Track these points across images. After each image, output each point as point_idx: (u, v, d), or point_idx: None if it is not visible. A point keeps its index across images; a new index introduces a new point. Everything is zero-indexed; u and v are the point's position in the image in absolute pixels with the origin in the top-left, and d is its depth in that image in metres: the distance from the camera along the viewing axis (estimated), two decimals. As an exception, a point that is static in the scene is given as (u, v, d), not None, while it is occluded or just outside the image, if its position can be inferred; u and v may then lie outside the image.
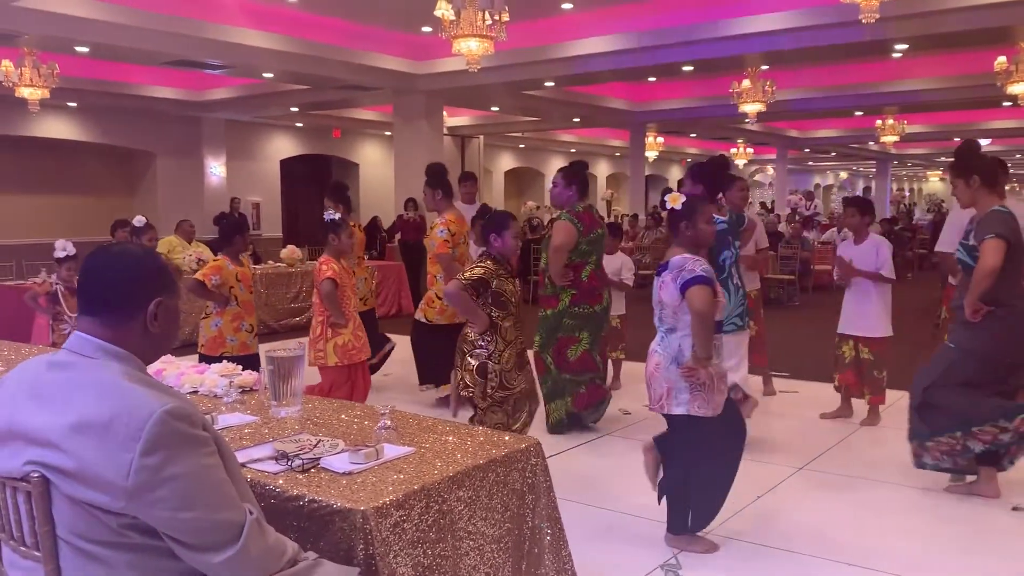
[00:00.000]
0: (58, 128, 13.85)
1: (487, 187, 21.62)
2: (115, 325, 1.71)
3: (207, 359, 4.72)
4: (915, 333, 7.39)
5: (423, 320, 5.87)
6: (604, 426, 5.48)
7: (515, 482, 2.42)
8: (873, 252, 5.39)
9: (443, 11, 7.46)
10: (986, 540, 3.68)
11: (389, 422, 2.44)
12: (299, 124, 17.50)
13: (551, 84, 11.90)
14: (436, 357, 5.64)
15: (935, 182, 41.72)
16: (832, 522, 3.88)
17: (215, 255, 10.21)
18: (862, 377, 5.47)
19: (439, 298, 5.68)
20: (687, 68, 10.82)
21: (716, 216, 4.22)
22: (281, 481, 2.16)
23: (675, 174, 31.56)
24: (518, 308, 4.00)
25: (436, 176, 5.98)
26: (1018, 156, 29.31)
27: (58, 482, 1.60)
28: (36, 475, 1.62)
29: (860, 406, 5.59)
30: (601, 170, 27.61)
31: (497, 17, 7.57)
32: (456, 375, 4.02)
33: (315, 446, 2.40)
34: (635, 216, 16.46)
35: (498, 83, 10.90)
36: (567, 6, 9.35)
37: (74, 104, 13.43)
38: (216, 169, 15.95)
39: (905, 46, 9.37)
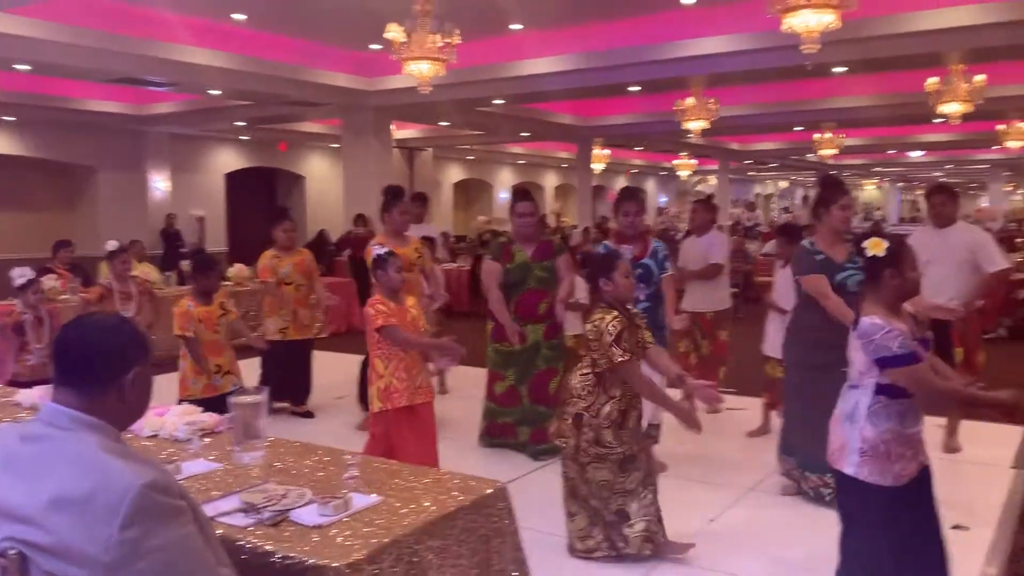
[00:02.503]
0: (-5, 142, 13.52)
1: (436, 200, 21.61)
2: (92, 396, 1.72)
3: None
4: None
5: None
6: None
7: (482, 527, 2.47)
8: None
9: (394, 33, 7.48)
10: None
11: (356, 472, 2.48)
12: (245, 137, 17.30)
13: (501, 101, 12.00)
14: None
15: (871, 190, 42.99)
16: (785, 542, 4.00)
17: (161, 272, 10.10)
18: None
19: None
20: (634, 88, 11.02)
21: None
22: (252, 536, 2.18)
23: (621, 184, 31.96)
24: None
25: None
26: (948, 166, 30.43)
27: (36, 558, 1.60)
28: (13, 551, 1.62)
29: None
30: (549, 182, 27.84)
31: (448, 39, 7.62)
32: (553, 423, 3.82)
33: (283, 497, 2.42)
34: (585, 229, 16.63)
35: (448, 100, 10.95)
36: (516, 26, 9.45)
37: (12, 118, 13.10)
38: (160, 183, 15.68)
39: (844, 69, 9.70)
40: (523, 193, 5.57)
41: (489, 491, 2.52)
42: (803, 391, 4.41)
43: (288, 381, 6.40)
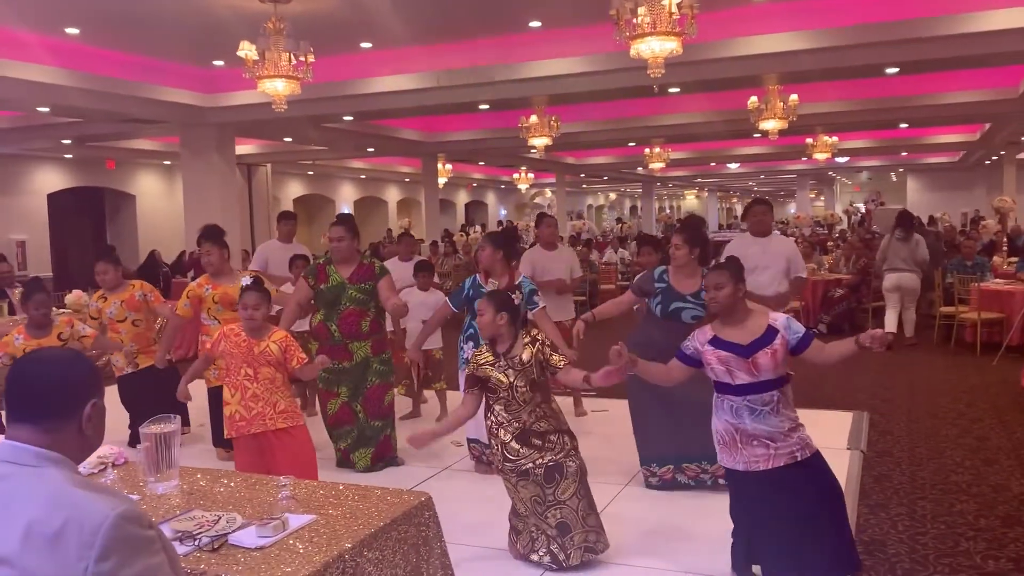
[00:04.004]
0: None
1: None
2: (51, 431, 1.72)
3: None
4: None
5: None
6: (436, 460, 5.68)
7: (412, 537, 2.58)
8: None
9: (247, 51, 7.37)
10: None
11: (289, 492, 2.53)
12: (68, 156, 16.27)
13: (350, 118, 11.97)
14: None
15: (691, 199, 45.73)
16: (667, 531, 4.32)
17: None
18: None
19: None
20: (483, 107, 11.31)
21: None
22: (197, 563, 2.20)
23: (462, 198, 32.40)
24: (509, 391, 3.77)
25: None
26: (761, 176, 32.92)
27: (8, 597, 1.59)
28: (-15, 593, 1.60)
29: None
30: (391, 196, 27.81)
31: (303, 57, 7.59)
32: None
33: (215, 523, 2.44)
34: (434, 243, 16.79)
35: (296, 117, 10.82)
36: (366, 45, 9.50)
37: None
38: (-27, 206, 14.49)
39: (677, 89, 10.40)
40: (338, 218, 5.72)
41: (417, 501, 2.64)
42: (643, 395, 4.79)
43: (157, 411, 6.10)
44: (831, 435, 5.76)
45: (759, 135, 13.64)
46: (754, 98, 11.31)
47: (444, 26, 8.86)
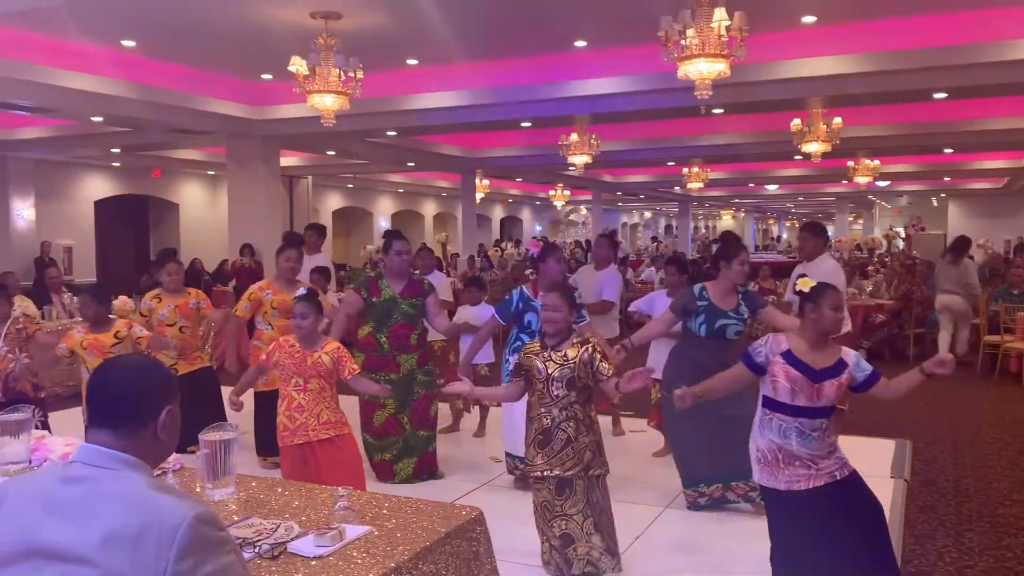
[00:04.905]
0: None
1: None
2: (128, 435, 1.78)
3: None
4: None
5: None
6: (475, 475, 5.70)
7: (464, 551, 2.61)
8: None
9: (298, 66, 7.51)
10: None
11: (347, 503, 2.57)
12: (116, 164, 16.62)
13: (393, 133, 12.11)
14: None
15: (728, 219, 45.43)
16: (710, 553, 4.30)
17: (39, 306, 9.59)
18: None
19: None
20: (525, 125, 11.40)
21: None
22: (255, 570, 2.24)
23: (498, 213, 32.52)
24: (545, 383, 3.79)
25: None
26: (799, 198, 32.67)
27: (92, 594, 1.64)
28: (68, 591, 1.65)
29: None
30: (428, 210, 28.00)
31: (352, 73, 7.72)
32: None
33: (274, 530, 2.48)
34: (470, 257, 16.87)
35: (342, 131, 10.97)
36: (412, 61, 9.62)
37: None
38: (23, 211, 14.82)
39: (721, 110, 10.39)
40: (398, 233, 5.85)
41: (470, 516, 2.66)
42: (683, 420, 4.73)
43: (197, 418, 6.19)
44: (873, 463, 5.69)
45: (800, 157, 13.55)
46: (797, 120, 11.25)
47: (490, 44, 8.95)
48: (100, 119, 10.70)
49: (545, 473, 3.74)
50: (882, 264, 16.84)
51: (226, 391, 5.86)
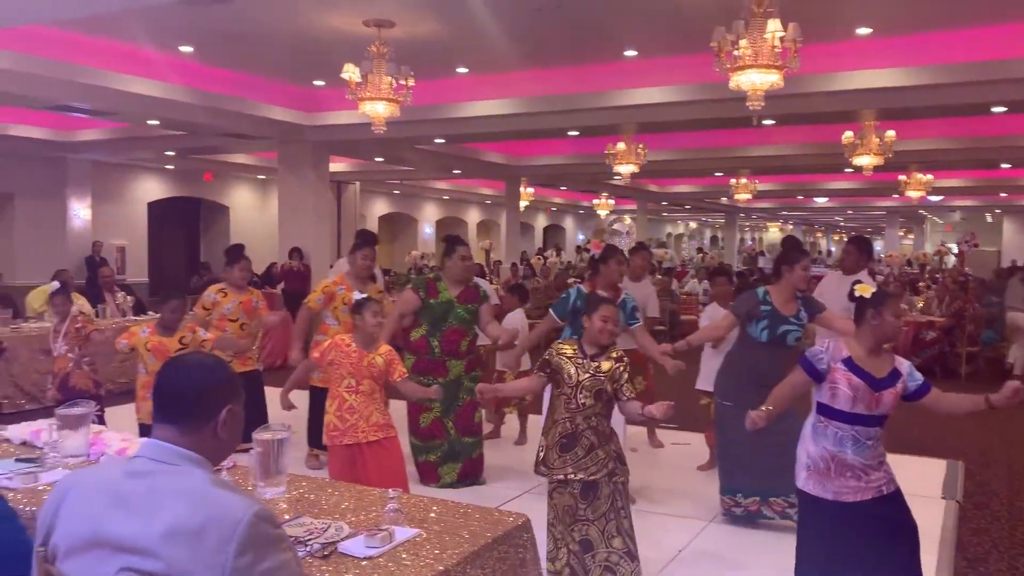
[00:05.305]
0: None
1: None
2: (190, 432, 1.83)
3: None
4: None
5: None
6: (518, 482, 5.70)
7: (512, 557, 2.61)
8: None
9: (350, 74, 7.62)
10: None
11: (396, 505, 2.59)
12: (169, 166, 16.99)
13: (441, 141, 12.22)
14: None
15: (774, 232, 44.86)
16: (754, 565, 4.25)
17: (92, 304, 9.83)
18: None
19: None
20: (572, 133, 11.41)
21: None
22: (306, 569, 2.27)
23: (541, 221, 32.55)
24: (574, 388, 3.72)
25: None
26: (849, 211, 32.17)
27: (154, 584, 1.68)
28: (130, 580, 1.69)
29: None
30: (472, 217, 28.14)
31: (403, 81, 7.81)
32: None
33: (325, 530, 2.51)
34: (513, 265, 16.91)
35: (391, 138, 11.10)
36: (462, 70, 9.69)
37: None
38: (80, 211, 15.22)
39: (772, 121, 10.30)
40: (460, 238, 5.87)
41: (518, 523, 2.67)
42: (739, 427, 4.68)
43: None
44: (924, 483, 5.59)
45: (851, 170, 13.36)
46: (849, 132, 11.10)
47: (540, 53, 8.99)
48: (156, 122, 10.96)
49: (570, 476, 3.73)
50: (933, 280, 16.51)
51: (270, 392, 6.03)
